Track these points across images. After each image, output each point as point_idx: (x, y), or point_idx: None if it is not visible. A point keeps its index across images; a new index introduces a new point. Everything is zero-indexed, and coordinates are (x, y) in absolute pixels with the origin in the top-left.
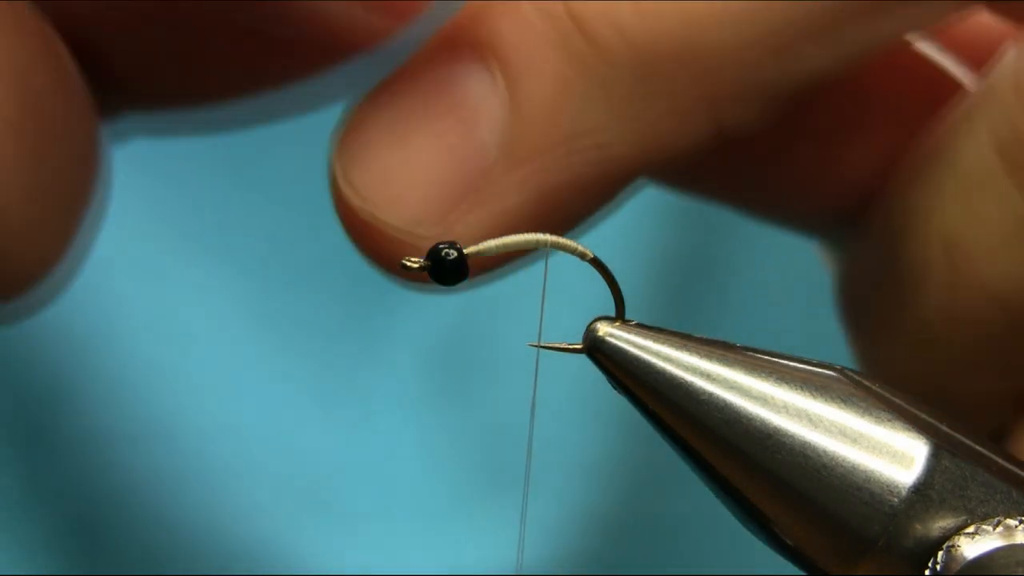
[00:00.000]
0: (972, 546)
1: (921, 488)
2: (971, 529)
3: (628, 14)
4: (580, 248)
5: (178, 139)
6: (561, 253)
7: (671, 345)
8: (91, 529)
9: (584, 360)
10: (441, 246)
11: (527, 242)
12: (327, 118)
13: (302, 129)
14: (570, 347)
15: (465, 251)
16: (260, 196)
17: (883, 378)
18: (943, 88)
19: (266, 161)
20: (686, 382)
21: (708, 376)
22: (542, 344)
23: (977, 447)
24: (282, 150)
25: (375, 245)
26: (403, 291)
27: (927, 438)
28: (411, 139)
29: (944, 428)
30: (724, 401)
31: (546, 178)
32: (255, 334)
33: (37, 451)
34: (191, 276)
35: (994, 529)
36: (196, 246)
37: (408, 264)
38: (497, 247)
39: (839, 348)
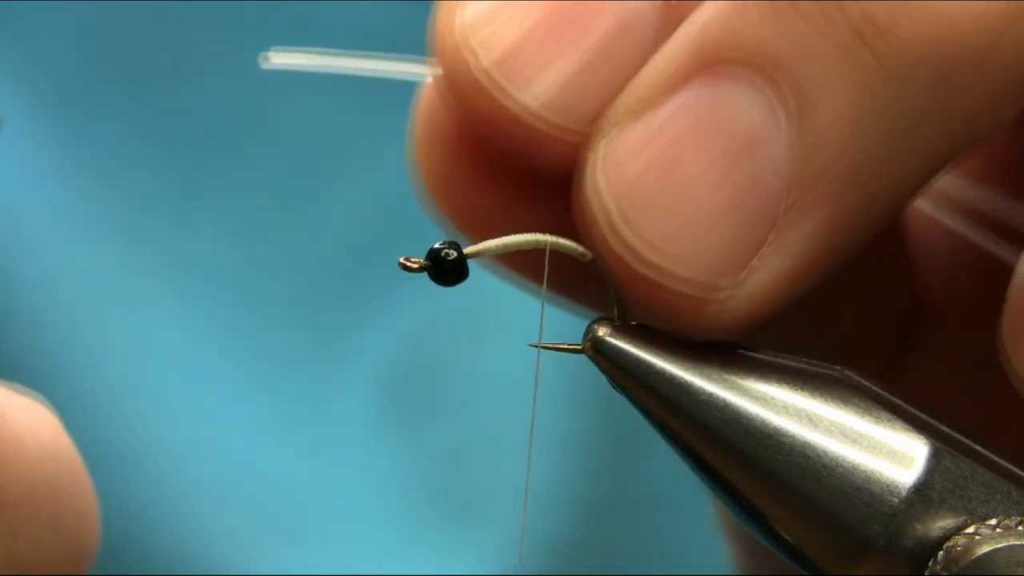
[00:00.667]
0: (972, 546)
1: (921, 488)
2: (971, 529)
3: (921, 26)
4: (580, 248)
5: (146, 165)
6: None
7: (671, 346)
8: None
9: (549, 386)
10: (440, 246)
11: (527, 242)
12: (290, 141)
13: (267, 151)
14: (570, 347)
15: (465, 252)
16: (222, 221)
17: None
18: None
19: (230, 186)
20: (686, 382)
21: (708, 376)
22: (542, 344)
23: (977, 447)
24: (247, 174)
25: (669, 304)
26: (363, 316)
27: (927, 438)
28: (692, 181)
29: (944, 428)
30: (724, 401)
31: (844, 215)
32: (216, 358)
33: None
34: (155, 300)
35: (994, 529)
36: (161, 271)
37: (407, 265)
38: (497, 247)
39: None
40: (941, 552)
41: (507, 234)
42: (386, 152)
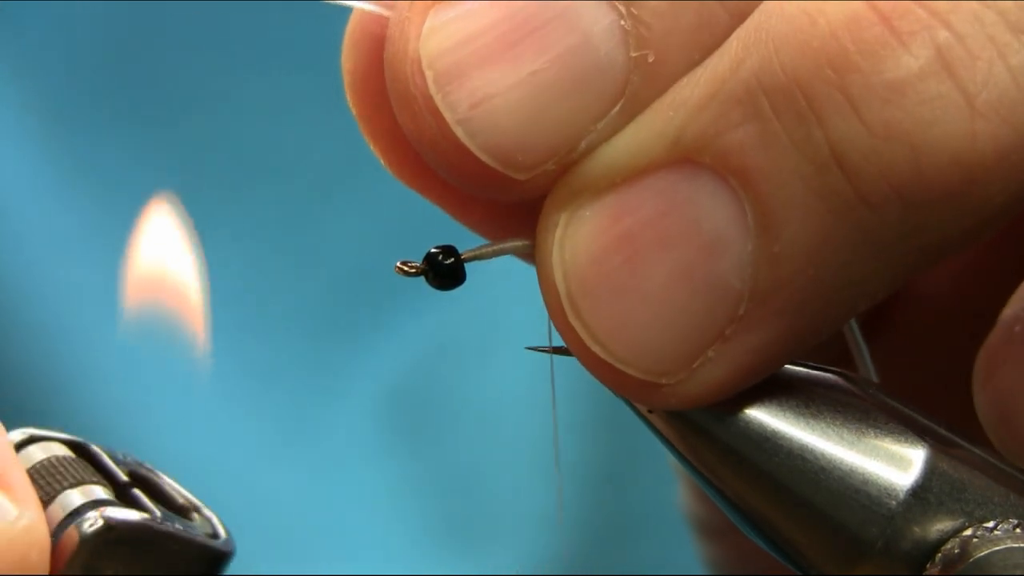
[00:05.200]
0: (970, 548)
1: (919, 491)
2: (969, 532)
3: (900, 158)
4: None
5: (149, 185)
6: None
7: None
8: None
9: (542, 414)
10: (437, 250)
11: (524, 247)
12: (294, 163)
13: (271, 173)
14: (564, 350)
15: (462, 255)
16: (227, 243)
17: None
18: None
19: (234, 208)
20: None
21: None
22: (541, 347)
23: (975, 450)
24: (251, 195)
25: (619, 386)
26: (366, 337)
27: (925, 441)
28: (650, 272)
29: (942, 431)
30: (721, 403)
31: (799, 323)
32: (219, 374)
33: None
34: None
35: (992, 532)
36: None
37: (405, 269)
38: (494, 251)
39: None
40: (939, 555)
41: (503, 240)
42: (390, 175)
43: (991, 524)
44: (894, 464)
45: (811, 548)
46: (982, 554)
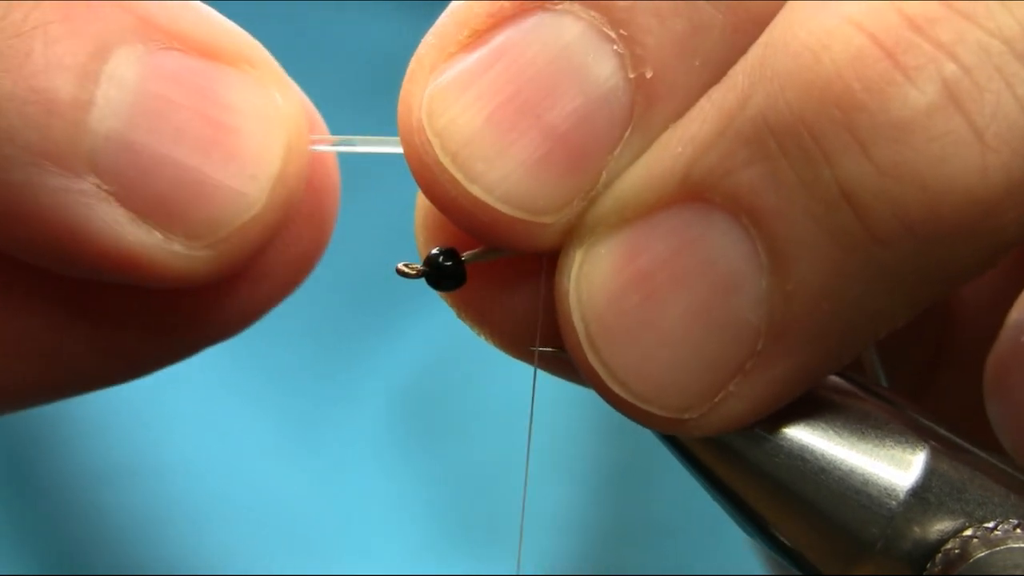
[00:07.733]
0: (970, 549)
1: (919, 491)
2: (969, 532)
3: (911, 196)
4: None
5: None
6: None
7: None
8: (73, 566)
9: (560, 413)
10: (438, 252)
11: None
12: None
13: None
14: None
15: (463, 256)
16: None
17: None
18: None
19: None
20: None
21: None
22: (541, 347)
23: (975, 451)
24: None
25: (643, 421)
26: (379, 336)
27: (925, 441)
28: (668, 311)
29: (943, 432)
30: None
31: (818, 354)
32: (233, 376)
33: (21, 488)
34: None
35: (992, 532)
36: None
37: (406, 271)
38: (495, 254)
39: None
40: (939, 555)
41: None
42: (396, 178)
43: (991, 524)
44: (894, 464)
45: (811, 548)
46: (982, 554)
